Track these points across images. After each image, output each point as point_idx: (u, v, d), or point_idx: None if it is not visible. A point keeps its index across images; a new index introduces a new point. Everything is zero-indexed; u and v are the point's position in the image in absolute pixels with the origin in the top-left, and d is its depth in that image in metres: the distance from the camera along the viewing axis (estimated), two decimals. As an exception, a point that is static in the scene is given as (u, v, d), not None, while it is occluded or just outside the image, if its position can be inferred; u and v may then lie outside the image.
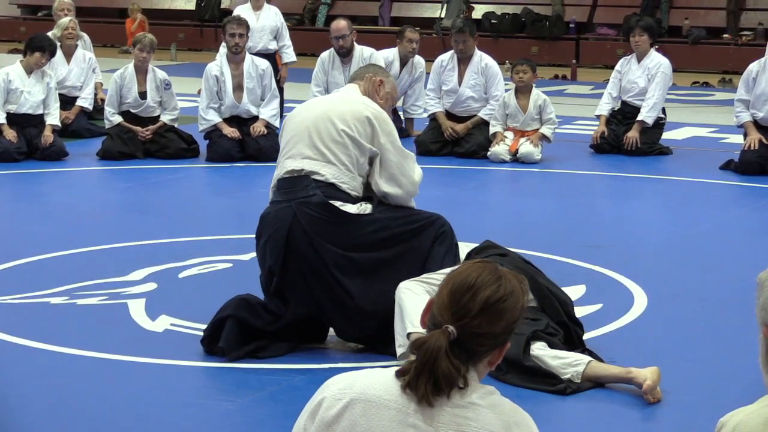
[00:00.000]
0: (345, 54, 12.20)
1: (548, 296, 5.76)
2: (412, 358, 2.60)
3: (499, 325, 2.61)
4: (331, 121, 5.73)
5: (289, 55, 14.19)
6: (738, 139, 11.93)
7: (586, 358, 5.40)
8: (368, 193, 5.88)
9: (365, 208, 5.79)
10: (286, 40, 14.17)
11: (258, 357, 5.68)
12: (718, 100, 17.19)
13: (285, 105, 14.37)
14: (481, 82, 12.13)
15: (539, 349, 5.40)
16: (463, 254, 6.07)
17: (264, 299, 5.82)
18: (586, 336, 6.10)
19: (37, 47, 11.43)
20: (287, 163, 5.76)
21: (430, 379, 2.54)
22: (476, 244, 6.28)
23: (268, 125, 11.62)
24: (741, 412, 2.43)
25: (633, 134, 11.99)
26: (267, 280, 5.80)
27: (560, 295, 5.87)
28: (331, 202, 5.67)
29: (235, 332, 5.65)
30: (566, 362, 5.35)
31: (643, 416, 5.09)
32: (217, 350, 5.68)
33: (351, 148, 5.71)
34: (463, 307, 2.59)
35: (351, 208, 5.72)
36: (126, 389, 5.34)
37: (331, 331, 5.92)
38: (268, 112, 11.72)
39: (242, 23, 11.73)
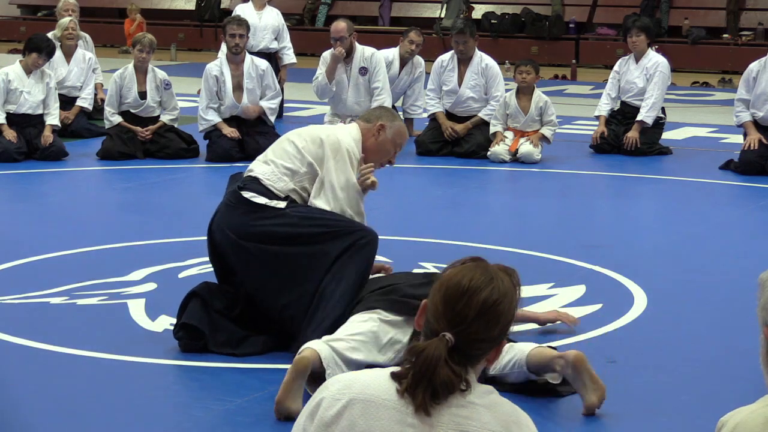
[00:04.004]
0: (345, 54, 12.20)
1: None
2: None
3: (496, 328, 2.59)
4: (290, 135, 5.92)
5: (289, 56, 14.20)
6: (738, 139, 11.93)
7: (522, 358, 5.23)
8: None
9: (277, 203, 5.76)
10: (287, 42, 14.18)
11: (236, 355, 5.68)
12: (718, 100, 17.19)
13: (285, 105, 14.39)
14: (482, 82, 12.13)
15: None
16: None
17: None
18: (585, 336, 6.12)
19: (34, 48, 11.43)
20: None
21: (428, 387, 2.53)
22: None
23: (263, 116, 11.58)
24: (741, 412, 2.43)
25: (633, 134, 11.99)
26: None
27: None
28: (243, 192, 5.77)
29: (198, 309, 5.76)
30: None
31: (642, 416, 5.09)
32: (185, 337, 5.75)
33: (293, 156, 5.81)
34: (459, 313, 2.57)
35: (260, 200, 5.76)
36: (126, 389, 5.34)
37: None
38: (267, 103, 11.69)
39: (242, 24, 11.72)
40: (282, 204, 5.75)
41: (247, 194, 5.76)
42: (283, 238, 5.69)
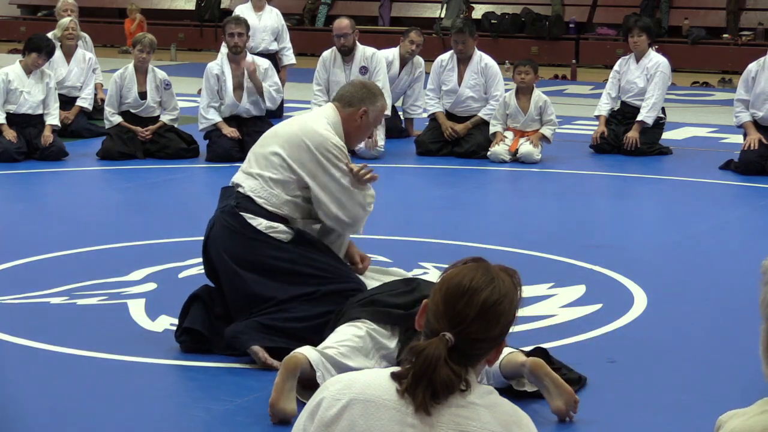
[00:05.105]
0: (347, 53, 12.21)
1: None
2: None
3: (497, 328, 2.59)
4: (270, 140, 5.80)
5: (288, 57, 14.20)
6: (738, 139, 11.93)
7: (496, 366, 5.17)
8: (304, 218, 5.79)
9: (278, 228, 5.69)
10: (286, 42, 14.19)
11: (237, 355, 5.67)
12: (718, 100, 17.19)
13: (285, 105, 14.39)
14: (481, 82, 12.13)
15: None
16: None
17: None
18: (585, 336, 6.12)
19: (34, 48, 11.43)
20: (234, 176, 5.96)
21: (428, 387, 2.53)
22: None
23: (266, 90, 11.55)
24: (739, 415, 2.40)
25: (633, 134, 11.99)
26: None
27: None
28: (241, 213, 5.70)
29: (200, 313, 5.76)
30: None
31: (642, 416, 5.09)
32: (188, 341, 5.76)
33: (279, 166, 5.71)
34: (459, 312, 2.57)
35: (260, 223, 5.69)
36: (126, 389, 5.35)
37: None
38: (268, 87, 11.62)
39: (240, 22, 11.71)
40: (282, 229, 5.70)
41: (245, 215, 5.69)
42: (280, 273, 5.67)
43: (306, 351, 5.09)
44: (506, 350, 5.14)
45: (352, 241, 6.04)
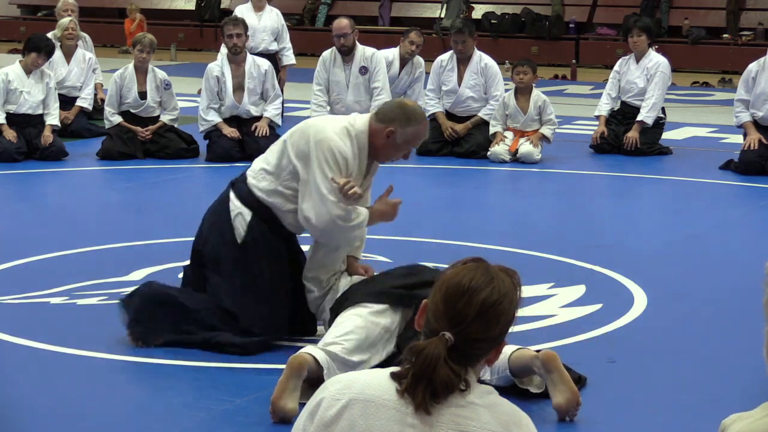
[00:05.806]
0: (346, 52, 12.21)
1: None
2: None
3: (496, 328, 2.59)
4: (289, 131, 5.89)
5: (288, 57, 14.21)
6: (738, 139, 11.93)
7: (504, 361, 5.17)
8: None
9: (245, 215, 5.87)
10: (286, 42, 14.19)
11: (234, 353, 5.71)
12: (718, 100, 17.20)
13: (284, 105, 14.39)
14: (481, 82, 12.14)
15: None
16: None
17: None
18: (585, 336, 6.12)
19: (33, 48, 11.43)
20: None
21: (428, 386, 2.53)
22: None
23: (270, 123, 11.67)
24: (743, 419, 2.39)
25: (633, 134, 12.00)
26: None
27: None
28: (231, 189, 5.95)
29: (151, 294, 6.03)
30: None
31: (642, 416, 5.09)
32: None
33: (279, 153, 5.82)
34: (459, 312, 2.57)
35: (234, 208, 5.90)
36: (126, 389, 5.35)
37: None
38: (272, 110, 11.74)
39: (239, 23, 11.72)
40: (242, 228, 5.84)
41: (231, 194, 5.90)
42: (209, 261, 5.98)
43: (311, 350, 5.10)
44: (512, 347, 5.14)
45: (353, 257, 6.00)
